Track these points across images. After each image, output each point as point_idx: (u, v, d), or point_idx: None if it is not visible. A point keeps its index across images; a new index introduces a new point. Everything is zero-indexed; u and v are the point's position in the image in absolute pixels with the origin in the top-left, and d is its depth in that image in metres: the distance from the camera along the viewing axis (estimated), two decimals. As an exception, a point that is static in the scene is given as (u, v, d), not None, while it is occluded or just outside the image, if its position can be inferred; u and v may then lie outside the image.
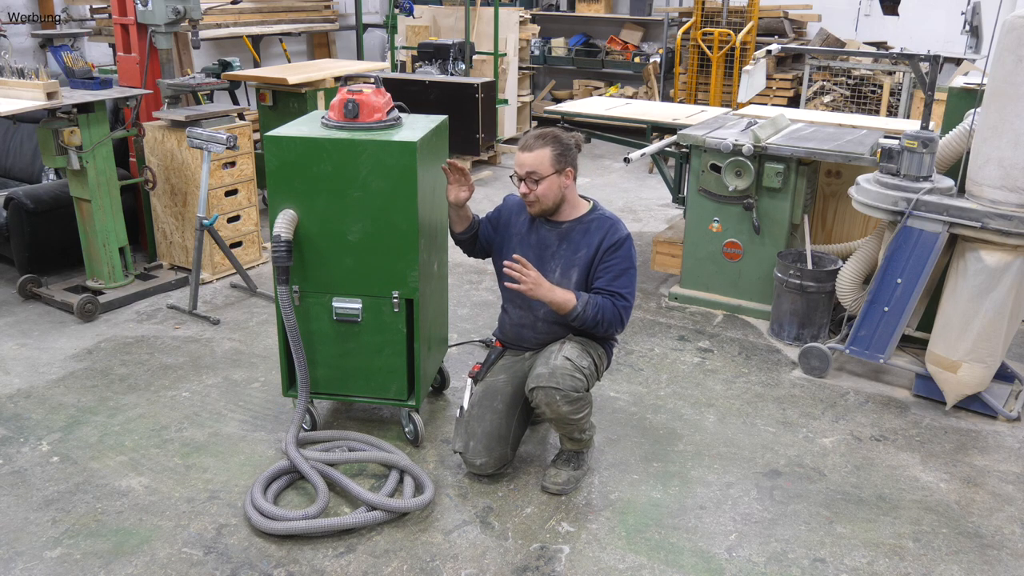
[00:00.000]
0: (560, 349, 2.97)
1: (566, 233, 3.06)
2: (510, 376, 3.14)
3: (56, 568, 2.65)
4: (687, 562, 2.73)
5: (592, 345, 3.06)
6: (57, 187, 4.83)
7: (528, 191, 3.00)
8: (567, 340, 3.03)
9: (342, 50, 9.78)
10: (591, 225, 3.05)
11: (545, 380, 2.86)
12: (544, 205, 3.02)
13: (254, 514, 2.82)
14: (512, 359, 3.22)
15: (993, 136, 3.34)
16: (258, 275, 5.04)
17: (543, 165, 2.96)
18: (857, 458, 3.31)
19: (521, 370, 3.15)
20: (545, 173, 2.96)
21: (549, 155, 2.96)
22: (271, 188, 3.07)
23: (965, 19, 4.38)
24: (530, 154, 2.97)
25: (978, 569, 2.72)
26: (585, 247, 3.02)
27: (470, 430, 3.06)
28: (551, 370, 2.87)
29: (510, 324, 3.22)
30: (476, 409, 3.08)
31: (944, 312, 3.60)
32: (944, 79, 6.82)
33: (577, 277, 3.02)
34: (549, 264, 3.05)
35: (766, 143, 4.32)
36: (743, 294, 4.63)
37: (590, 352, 3.02)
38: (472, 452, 3.03)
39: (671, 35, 8.79)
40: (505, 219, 3.23)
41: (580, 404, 2.90)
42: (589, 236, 3.03)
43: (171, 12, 4.74)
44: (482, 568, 2.68)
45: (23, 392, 3.71)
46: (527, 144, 3.00)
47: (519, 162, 3.00)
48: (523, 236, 3.13)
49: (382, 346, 3.19)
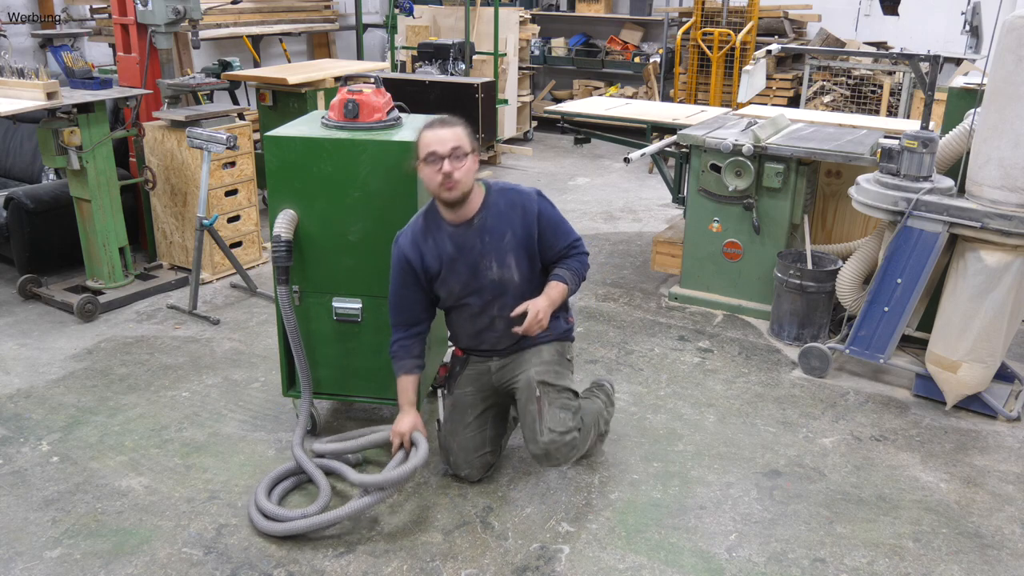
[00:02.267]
0: (540, 407, 2.84)
1: (481, 227, 2.86)
2: (476, 388, 3.06)
3: (56, 568, 2.65)
4: (687, 562, 2.73)
5: (561, 350, 3.02)
6: (57, 187, 4.83)
7: (452, 169, 2.69)
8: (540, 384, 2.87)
9: (342, 50, 9.78)
10: (499, 207, 2.87)
11: (546, 461, 2.89)
12: (465, 187, 2.75)
13: (256, 516, 2.81)
14: (476, 369, 3.07)
15: (993, 136, 3.34)
16: (258, 275, 5.04)
17: (464, 139, 2.74)
18: (857, 458, 3.31)
19: (488, 384, 3.05)
20: (468, 149, 2.73)
21: (464, 131, 2.75)
22: (271, 188, 3.07)
23: (965, 19, 4.39)
24: (449, 130, 2.73)
25: (978, 569, 2.72)
26: (509, 229, 2.86)
27: (447, 445, 3.07)
28: (545, 451, 2.82)
29: (465, 333, 3.04)
30: (448, 425, 3.07)
31: (944, 312, 3.60)
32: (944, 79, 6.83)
33: (516, 260, 2.88)
34: (482, 263, 2.87)
35: (766, 143, 4.32)
36: (743, 294, 4.63)
37: (564, 368, 2.99)
38: (454, 466, 3.08)
39: (671, 35, 8.79)
40: (419, 264, 2.87)
41: (582, 444, 2.95)
42: (505, 217, 2.86)
43: (171, 12, 4.75)
44: (482, 568, 2.68)
45: (23, 392, 3.71)
46: (438, 125, 2.75)
47: (439, 139, 2.70)
48: (443, 256, 2.86)
49: (382, 346, 3.19)
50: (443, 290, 2.93)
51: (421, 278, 2.90)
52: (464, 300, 2.93)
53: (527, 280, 2.93)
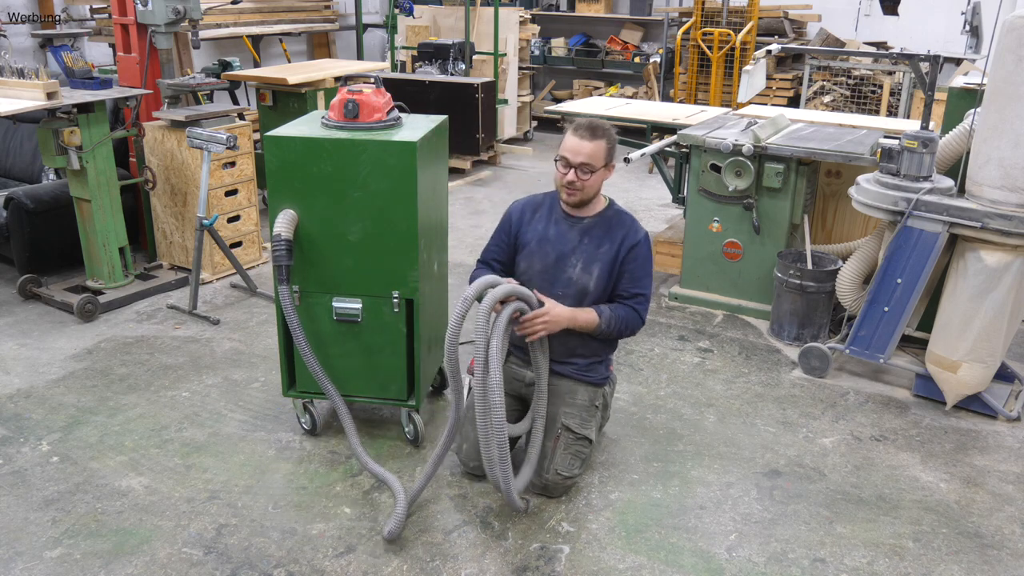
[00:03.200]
0: (555, 446, 2.99)
1: (587, 229, 3.02)
2: (505, 392, 3.05)
3: (56, 568, 2.65)
4: (687, 562, 2.73)
5: (593, 396, 3.11)
6: (57, 187, 4.83)
7: (576, 180, 2.89)
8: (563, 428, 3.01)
9: (342, 50, 9.78)
10: (611, 221, 3.03)
11: (542, 492, 3.02)
12: (586, 196, 2.95)
13: None
14: (511, 374, 3.13)
15: (993, 136, 3.34)
16: (258, 275, 5.04)
17: (598, 157, 2.88)
18: (857, 458, 3.31)
19: (517, 392, 3.14)
20: (598, 166, 2.90)
21: (604, 148, 2.90)
22: (271, 188, 3.07)
23: (965, 19, 4.39)
24: (590, 144, 2.86)
25: (978, 569, 2.72)
26: (608, 243, 2.99)
27: (464, 432, 3.09)
28: (544, 486, 2.99)
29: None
30: (471, 412, 3.08)
31: (944, 312, 3.60)
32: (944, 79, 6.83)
33: (599, 272, 2.99)
34: (570, 259, 3.01)
35: (766, 143, 4.32)
36: (743, 294, 4.63)
37: (589, 416, 3.07)
38: (466, 455, 3.10)
39: (671, 35, 8.79)
40: (516, 226, 3.11)
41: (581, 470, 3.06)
42: (611, 232, 3.00)
43: (171, 12, 4.75)
44: (482, 568, 2.68)
45: (23, 392, 3.71)
46: (584, 134, 2.88)
47: (575, 150, 2.86)
48: (540, 234, 3.05)
49: (382, 346, 3.19)
50: (524, 262, 3.07)
51: (512, 236, 3.10)
52: (539, 285, 2.98)
53: (601, 297, 3.02)
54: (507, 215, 3.15)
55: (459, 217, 6.31)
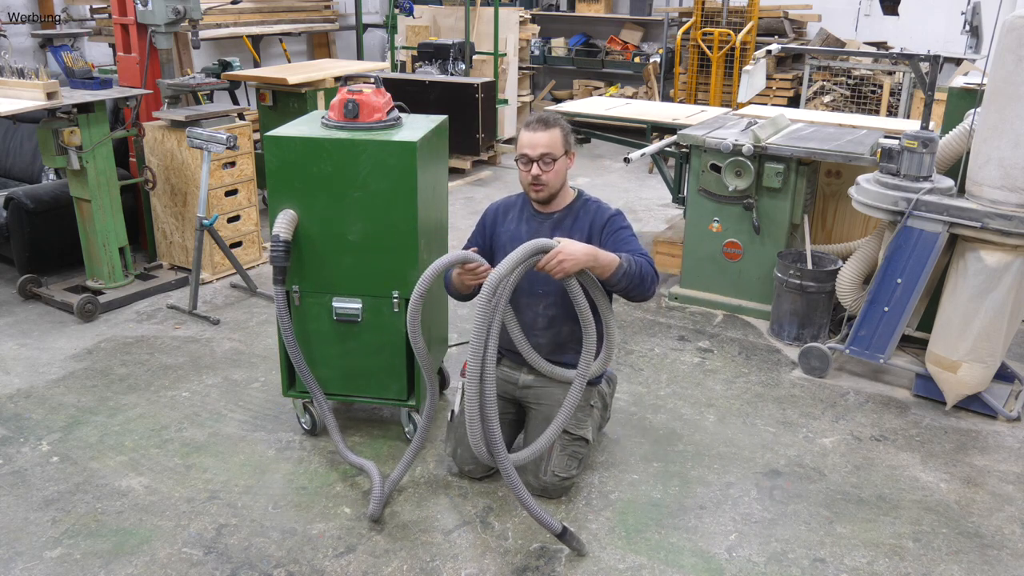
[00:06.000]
0: (552, 448, 2.95)
1: (558, 222, 2.99)
2: (499, 392, 2.99)
3: (56, 568, 2.65)
4: (687, 562, 2.73)
5: (588, 395, 3.08)
6: (57, 187, 4.83)
7: (540, 173, 2.87)
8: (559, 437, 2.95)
9: (342, 50, 9.78)
10: (579, 212, 3.00)
11: (541, 494, 3.00)
12: (552, 190, 2.93)
13: None
14: (503, 376, 3.10)
15: (993, 136, 3.34)
16: (258, 275, 5.04)
17: (556, 146, 2.87)
18: (857, 458, 3.31)
19: (510, 394, 3.12)
20: (559, 154, 2.88)
21: (560, 136, 2.89)
22: (271, 188, 3.07)
23: (965, 19, 4.39)
24: (545, 134, 2.86)
25: (978, 569, 2.72)
26: (578, 232, 2.95)
27: (458, 436, 3.08)
28: (543, 487, 2.99)
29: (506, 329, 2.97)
30: (462, 417, 3.07)
31: (944, 312, 3.60)
32: (944, 79, 6.83)
33: None
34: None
35: (766, 143, 4.32)
36: (743, 294, 4.63)
37: (585, 416, 3.06)
38: (460, 459, 3.10)
39: (671, 35, 8.79)
40: (491, 228, 3.12)
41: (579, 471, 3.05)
42: (580, 221, 2.98)
43: (171, 12, 4.75)
44: (482, 568, 2.68)
45: (23, 392, 3.71)
46: (537, 126, 2.88)
47: (532, 144, 2.86)
48: (513, 233, 3.03)
49: (382, 346, 3.19)
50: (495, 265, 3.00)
51: (487, 239, 3.12)
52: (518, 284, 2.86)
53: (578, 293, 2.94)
54: (482, 217, 3.16)
55: (459, 217, 6.31)
